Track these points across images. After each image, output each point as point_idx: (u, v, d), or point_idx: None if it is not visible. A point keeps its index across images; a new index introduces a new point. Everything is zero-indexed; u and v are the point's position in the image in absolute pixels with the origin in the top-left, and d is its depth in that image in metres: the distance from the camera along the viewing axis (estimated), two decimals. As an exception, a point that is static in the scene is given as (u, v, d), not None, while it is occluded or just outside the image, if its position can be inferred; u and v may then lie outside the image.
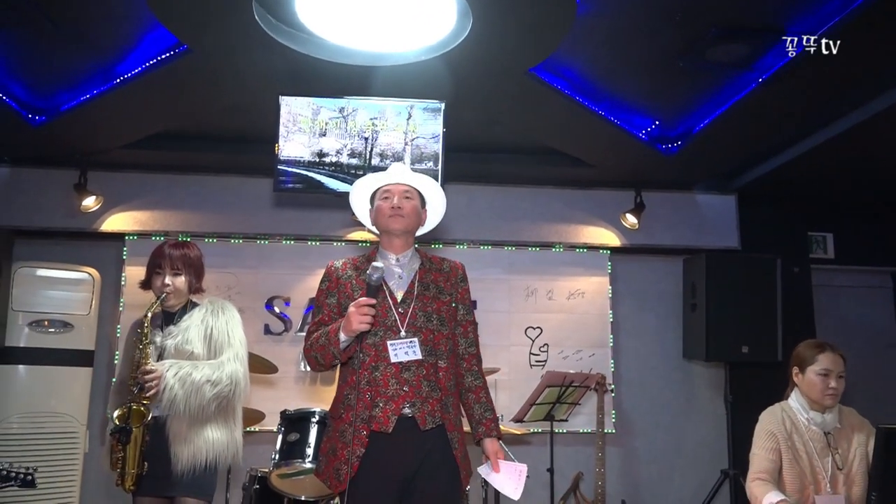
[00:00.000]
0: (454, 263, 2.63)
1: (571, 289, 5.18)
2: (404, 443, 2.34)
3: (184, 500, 2.67)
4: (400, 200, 2.48)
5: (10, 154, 4.66)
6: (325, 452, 2.45)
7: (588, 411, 4.76)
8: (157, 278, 2.82)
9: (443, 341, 2.45)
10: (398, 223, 2.48)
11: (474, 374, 2.54)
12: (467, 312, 2.57)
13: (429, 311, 2.44)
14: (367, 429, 2.32)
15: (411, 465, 2.34)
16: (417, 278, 2.49)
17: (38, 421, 4.19)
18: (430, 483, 2.35)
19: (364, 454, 2.31)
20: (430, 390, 2.39)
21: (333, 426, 2.44)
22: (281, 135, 4.00)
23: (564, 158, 4.82)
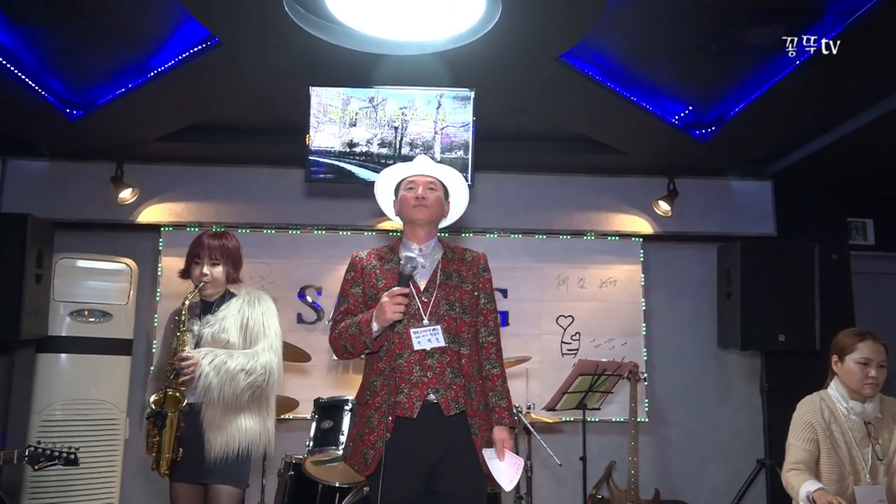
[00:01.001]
0: (476, 253, 2.65)
1: (603, 277, 5.14)
2: (429, 428, 2.38)
3: (217, 487, 2.72)
4: (424, 191, 2.51)
5: (49, 148, 4.77)
6: (353, 438, 2.50)
7: (621, 400, 4.73)
8: (195, 268, 2.87)
9: (465, 329, 2.48)
10: (422, 213, 2.51)
11: (492, 362, 2.57)
12: (489, 301, 2.60)
13: (451, 299, 2.48)
14: (392, 415, 2.36)
15: (437, 450, 2.38)
16: (440, 268, 2.52)
17: (80, 408, 4.30)
18: (456, 468, 2.38)
19: (390, 439, 2.34)
20: (454, 377, 2.42)
21: (360, 412, 2.49)
22: (311, 125, 4.02)
23: (595, 146, 4.77)
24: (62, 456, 2.59)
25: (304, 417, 4.07)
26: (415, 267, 2.38)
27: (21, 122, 4.32)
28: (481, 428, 2.45)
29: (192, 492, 2.77)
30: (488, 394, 2.52)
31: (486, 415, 2.49)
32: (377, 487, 2.34)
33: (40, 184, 4.86)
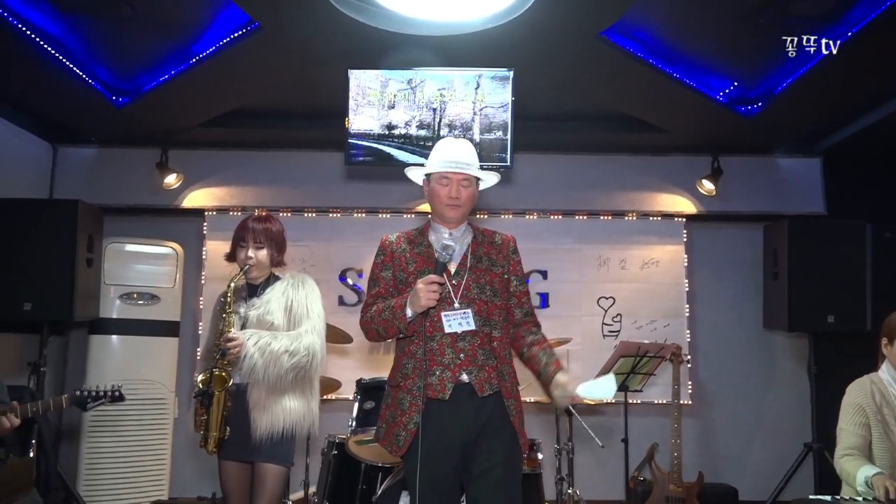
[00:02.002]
0: (505, 236, 2.63)
1: (645, 258, 5.08)
2: (462, 409, 2.38)
3: (263, 465, 2.77)
4: (457, 190, 2.47)
5: (97, 135, 4.88)
6: (385, 419, 2.51)
7: (663, 382, 4.67)
8: (240, 251, 2.91)
9: (496, 312, 2.47)
10: (455, 213, 2.50)
11: (534, 331, 2.56)
12: (520, 283, 2.59)
13: (482, 282, 2.47)
14: (423, 396, 2.37)
15: (471, 431, 2.38)
16: (470, 251, 2.51)
17: (132, 388, 4.40)
18: (490, 448, 2.39)
19: (422, 421, 2.35)
20: (486, 358, 2.43)
21: (392, 394, 2.50)
22: (351, 108, 4.04)
23: (637, 124, 4.69)
24: (107, 394, 2.67)
25: (347, 398, 4.13)
26: (451, 255, 2.39)
27: (70, 110, 4.43)
28: (517, 409, 2.45)
29: (240, 470, 2.83)
30: (537, 355, 2.48)
31: (519, 397, 2.49)
32: (410, 468, 2.37)
33: (89, 170, 4.99)
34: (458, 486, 2.46)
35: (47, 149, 4.91)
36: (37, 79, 3.90)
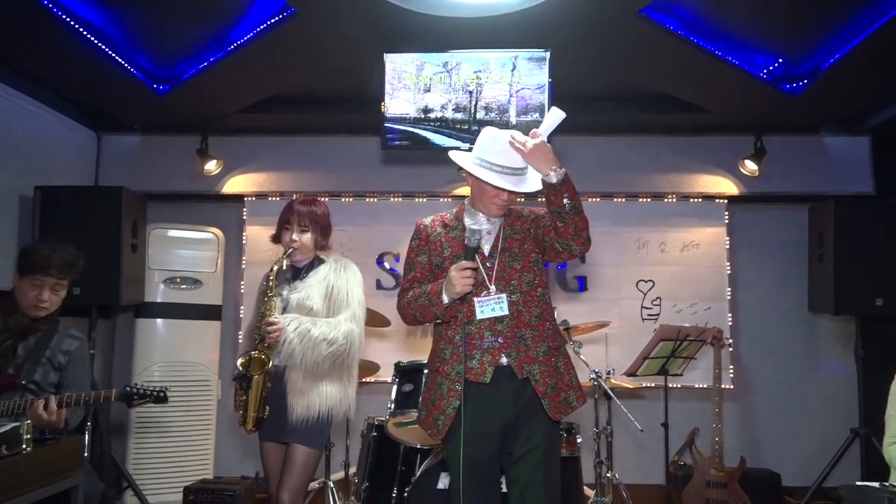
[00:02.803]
0: (534, 209, 2.59)
1: (685, 240, 5.00)
2: (503, 391, 2.39)
3: (294, 446, 2.81)
4: (510, 196, 2.45)
5: (139, 123, 4.98)
6: (425, 403, 2.53)
7: (704, 366, 4.62)
8: (285, 233, 2.94)
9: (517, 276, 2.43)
10: (500, 211, 2.49)
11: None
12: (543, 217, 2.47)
13: (513, 254, 2.45)
14: (461, 381, 2.37)
15: (512, 413, 2.39)
16: (502, 232, 2.50)
17: (176, 370, 4.55)
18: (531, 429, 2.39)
19: (462, 404, 2.36)
20: (528, 338, 2.41)
21: (431, 378, 2.52)
22: (387, 92, 4.04)
23: (677, 104, 4.59)
24: (152, 394, 2.75)
25: (385, 381, 4.16)
26: (480, 239, 2.37)
27: (113, 99, 4.52)
28: (542, 374, 2.40)
29: (278, 451, 2.87)
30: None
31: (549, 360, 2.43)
32: (451, 451, 2.39)
33: (132, 158, 5.09)
34: (498, 467, 2.47)
35: (92, 137, 5.02)
36: (81, 68, 3.98)
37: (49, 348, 2.82)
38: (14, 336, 2.77)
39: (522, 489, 2.37)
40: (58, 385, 2.83)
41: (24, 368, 2.75)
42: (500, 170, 2.37)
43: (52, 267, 2.78)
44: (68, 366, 2.86)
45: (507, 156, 2.36)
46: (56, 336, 2.86)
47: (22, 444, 2.15)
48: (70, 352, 2.86)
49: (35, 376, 2.76)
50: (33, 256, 2.81)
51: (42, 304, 2.79)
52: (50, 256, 2.79)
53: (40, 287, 2.78)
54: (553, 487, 2.40)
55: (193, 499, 3.88)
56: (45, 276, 2.78)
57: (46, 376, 2.80)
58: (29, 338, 2.81)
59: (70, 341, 2.89)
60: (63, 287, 2.86)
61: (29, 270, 2.79)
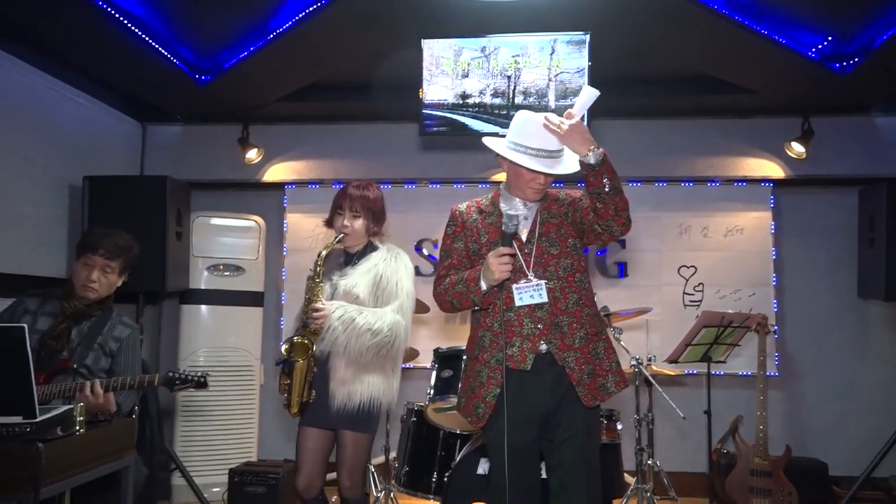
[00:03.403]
0: (570, 192, 2.56)
1: (729, 225, 4.90)
2: (543, 379, 2.38)
3: (343, 433, 2.82)
4: (546, 179, 2.42)
5: (182, 113, 5.07)
6: (465, 390, 2.53)
7: (748, 353, 4.53)
8: (337, 218, 2.91)
9: (555, 262, 2.41)
10: (537, 196, 2.46)
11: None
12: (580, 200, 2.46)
13: (550, 238, 2.43)
14: (501, 369, 2.36)
15: (552, 400, 2.38)
16: (539, 215, 2.47)
17: (221, 355, 4.64)
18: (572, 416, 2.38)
19: (502, 392, 2.35)
20: (564, 325, 2.38)
21: (470, 366, 2.51)
22: (424, 78, 4.03)
23: (721, 86, 4.49)
24: (193, 379, 2.81)
25: (425, 367, 4.19)
26: (517, 225, 2.34)
27: (157, 90, 4.61)
28: (578, 361, 2.39)
29: (319, 436, 2.87)
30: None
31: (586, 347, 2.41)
32: (491, 439, 2.39)
33: (176, 147, 5.20)
34: (538, 453, 2.47)
35: (137, 127, 5.13)
36: (126, 60, 4.06)
37: (101, 334, 2.89)
38: (69, 320, 2.84)
39: (563, 476, 2.37)
40: (108, 371, 2.90)
41: (77, 353, 2.83)
42: (536, 153, 2.34)
43: (101, 247, 2.86)
44: (119, 353, 2.93)
45: (542, 138, 2.33)
46: (109, 322, 2.93)
47: (75, 425, 2.22)
48: (122, 339, 2.94)
49: (87, 361, 2.84)
50: (87, 238, 2.94)
51: (91, 283, 2.85)
52: (101, 238, 2.89)
53: (90, 267, 2.86)
54: (593, 474, 2.40)
55: (238, 480, 3.96)
56: (95, 256, 2.85)
57: (98, 362, 2.88)
58: (83, 323, 2.88)
59: (122, 328, 2.96)
60: (112, 270, 2.91)
61: (82, 251, 2.89)
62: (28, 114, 3.95)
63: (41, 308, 2.87)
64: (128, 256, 2.96)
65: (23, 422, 2.16)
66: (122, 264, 2.95)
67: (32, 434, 2.11)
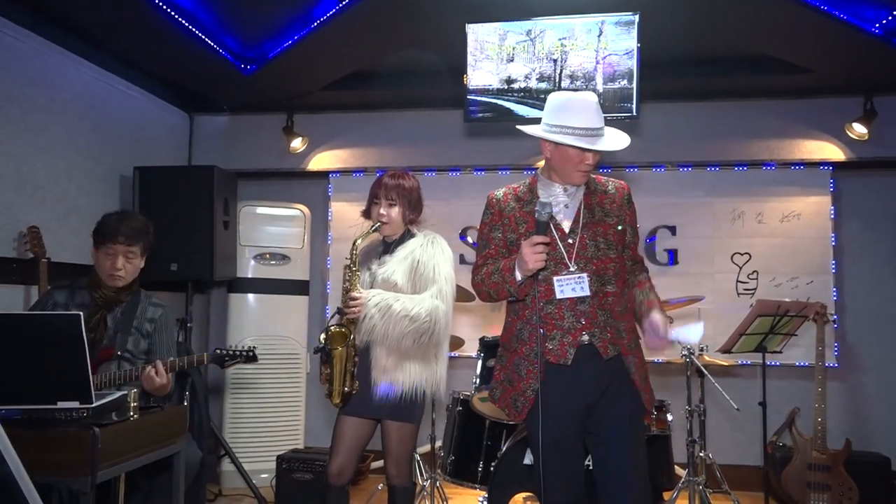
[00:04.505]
0: (619, 184, 2.53)
1: (785, 210, 4.76)
2: (585, 373, 2.34)
3: (387, 423, 2.82)
4: (594, 158, 2.37)
5: (228, 103, 5.15)
6: (500, 381, 2.49)
7: (805, 343, 4.41)
8: (374, 208, 2.91)
9: (611, 266, 2.39)
10: (584, 179, 2.43)
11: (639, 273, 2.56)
12: (634, 235, 2.53)
13: (597, 238, 2.39)
14: (542, 364, 2.33)
15: (593, 393, 2.35)
16: (583, 205, 2.42)
17: (268, 343, 4.73)
18: (615, 408, 2.36)
19: (542, 386, 2.32)
20: (606, 319, 2.36)
21: (507, 357, 2.47)
22: (469, 64, 4.02)
23: (777, 65, 4.35)
24: (242, 354, 2.87)
25: (470, 356, 4.20)
26: (550, 213, 2.28)
27: (204, 80, 4.69)
28: (637, 365, 2.39)
29: (359, 425, 2.87)
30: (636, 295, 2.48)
31: (639, 352, 2.43)
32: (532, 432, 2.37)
33: (222, 137, 5.29)
34: (581, 444, 2.45)
35: (185, 118, 5.25)
36: (173, 51, 4.15)
37: (136, 317, 2.95)
38: (101, 309, 2.89)
39: (610, 470, 2.35)
40: (147, 352, 2.97)
41: (117, 339, 2.89)
42: (584, 132, 2.31)
43: (120, 234, 2.87)
44: (154, 332, 2.99)
45: (584, 116, 2.31)
46: (140, 305, 2.98)
47: (129, 411, 2.29)
48: (155, 319, 3.00)
49: (128, 346, 2.91)
50: (102, 227, 2.93)
51: (117, 272, 2.88)
52: (117, 225, 2.90)
53: (113, 256, 2.88)
54: (641, 468, 2.37)
55: (286, 467, 4.04)
56: (115, 244, 2.87)
57: (137, 345, 2.94)
58: (115, 309, 2.94)
59: (154, 309, 3.02)
60: (135, 255, 2.93)
61: (101, 241, 2.90)
62: (79, 106, 4.07)
63: (71, 300, 2.91)
64: (147, 238, 2.98)
65: (80, 407, 2.25)
66: (142, 247, 2.96)
67: (89, 419, 2.20)
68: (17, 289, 3.58)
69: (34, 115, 3.72)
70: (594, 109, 2.34)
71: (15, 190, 3.59)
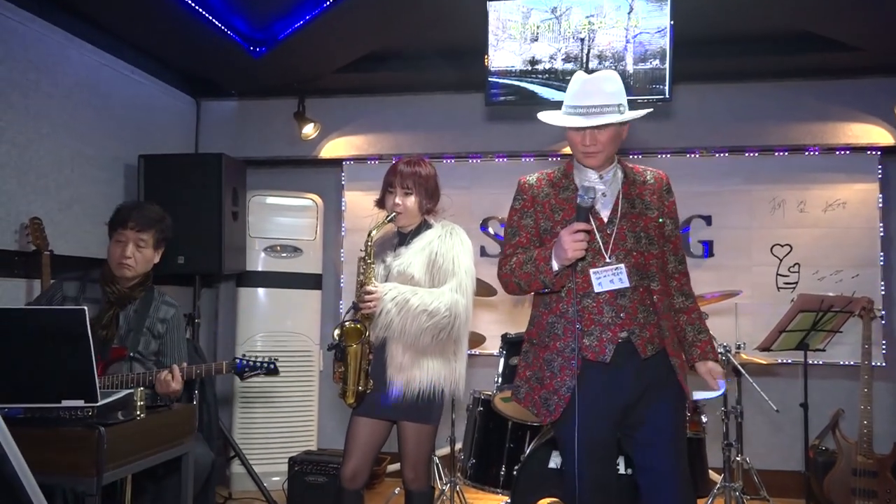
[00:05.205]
0: (658, 173, 2.51)
1: (829, 198, 4.70)
2: (624, 371, 2.33)
3: (403, 424, 2.81)
4: (592, 136, 2.33)
5: (237, 87, 5.17)
6: (526, 379, 2.47)
7: (851, 341, 4.36)
8: (389, 197, 2.89)
9: (653, 262, 2.38)
10: (594, 160, 2.38)
11: (685, 293, 2.48)
12: (675, 227, 2.49)
13: (637, 230, 2.37)
14: (577, 359, 2.31)
15: (633, 393, 2.34)
16: (622, 195, 2.40)
17: (279, 340, 4.76)
18: (655, 410, 2.34)
19: (578, 384, 2.30)
20: (647, 315, 2.35)
21: (536, 354, 2.45)
22: (490, 44, 4.00)
23: (821, 43, 4.29)
24: (264, 366, 2.89)
25: (492, 353, 4.20)
26: (594, 198, 2.28)
27: (211, 64, 4.72)
28: (681, 367, 2.39)
29: (373, 426, 2.86)
30: (684, 328, 2.46)
31: (681, 353, 2.44)
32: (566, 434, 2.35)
33: (230, 123, 5.32)
34: (615, 448, 2.44)
35: (191, 104, 5.28)
36: (179, 33, 4.17)
37: (148, 317, 2.98)
38: (114, 306, 2.92)
39: (655, 481, 2.34)
40: (157, 353, 3.00)
41: (129, 339, 2.92)
42: (571, 111, 2.32)
43: (131, 220, 2.90)
44: (166, 334, 3.02)
45: (581, 94, 2.31)
46: (153, 304, 3.01)
47: (136, 410, 2.31)
48: (167, 320, 3.03)
49: (139, 347, 2.93)
50: (115, 214, 2.97)
51: (126, 260, 2.89)
52: (129, 211, 2.94)
53: (123, 243, 2.90)
54: (686, 475, 2.37)
55: (299, 469, 4.07)
56: (125, 231, 2.90)
57: (148, 346, 2.97)
58: (128, 307, 2.96)
59: (167, 308, 3.05)
60: (146, 243, 2.95)
61: (112, 228, 2.94)
62: (83, 92, 4.11)
63: (82, 294, 2.94)
64: (160, 228, 3.00)
65: (85, 405, 2.27)
66: (155, 236, 2.98)
67: (94, 418, 2.22)
68: (19, 283, 3.63)
69: (36, 101, 3.76)
70: (591, 87, 2.32)
71: (17, 179, 3.64)
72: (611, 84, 2.33)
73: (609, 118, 2.29)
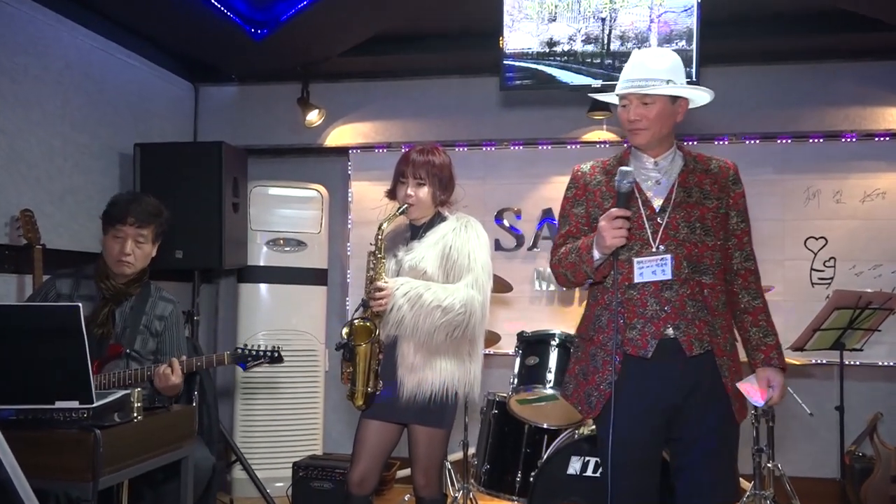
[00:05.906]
0: (725, 162, 2.50)
1: (867, 188, 4.68)
2: (667, 369, 2.33)
3: (414, 427, 2.81)
4: (636, 110, 2.36)
5: (237, 71, 5.18)
6: (574, 374, 2.51)
7: (890, 340, 4.36)
8: (400, 188, 2.89)
9: (708, 254, 2.37)
10: (640, 138, 2.40)
11: (752, 292, 2.46)
12: (742, 220, 2.47)
13: (692, 220, 2.36)
14: (620, 354, 2.33)
15: (677, 394, 2.33)
16: (678, 182, 2.40)
17: (282, 338, 4.76)
18: (702, 414, 2.34)
19: (619, 380, 2.31)
20: (696, 311, 2.34)
21: (583, 347, 2.49)
22: (505, 24, 3.99)
23: (858, 21, 4.25)
24: (267, 355, 2.90)
25: (507, 353, 4.20)
26: (631, 183, 2.28)
27: (210, 47, 4.72)
28: (731, 370, 2.38)
29: (383, 429, 2.86)
30: (748, 330, 2.45)
31: (735, 355, 2.43)
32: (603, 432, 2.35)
33: (231, 110, 5.33)
34: (657, 451, 2.43)
35: (189, 89, 5.30)
36: (177, 15, 4.18)
37: (145, 314, 2.99)
38: (109, 303, 2.93)
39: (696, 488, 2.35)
40: (155, 352, 3.01)
41: (126, 336, 2.93)
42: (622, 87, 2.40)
43: (130, 215, 2.90)
44: (164, 331, 3.03)
45: (630, 69, 2.40)
46: (150, 300, 3.03)
47: (133, 411, 2.33)
48: (165, 317, 3.04)
49: (135, 345, 2.95)
50: (111, 208, 2.96)
51: (126, 257, 2.90)
52: (127, 205, 2.93)
53: (122, 240, 2.91)
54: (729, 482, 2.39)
55: (303, 475, 4.09)
56: (124, 227, 2.90)
57: (145, 344, 2.99)
58: (124, 304, 2.97)
59: (164, 305, 3.06)
60: (146, 239, 2.96)
61: (109, 223, 2.93)
62: (75, 77, 4.13)
63: (76, 291, 2.95)
64: (159, 222, 3.01)
65: (79, 407, 2.28)
66: (154, 231, 2.99)
67: (89, 420, 2.23)
68: (10, 278, 3.66)
69: (26, 87, 3.78)
70: (641, 59, 2.41)
71: (6, 169, 3.66)
72: (663, 58, 2.41)
73: (651, 90, 2.33)
